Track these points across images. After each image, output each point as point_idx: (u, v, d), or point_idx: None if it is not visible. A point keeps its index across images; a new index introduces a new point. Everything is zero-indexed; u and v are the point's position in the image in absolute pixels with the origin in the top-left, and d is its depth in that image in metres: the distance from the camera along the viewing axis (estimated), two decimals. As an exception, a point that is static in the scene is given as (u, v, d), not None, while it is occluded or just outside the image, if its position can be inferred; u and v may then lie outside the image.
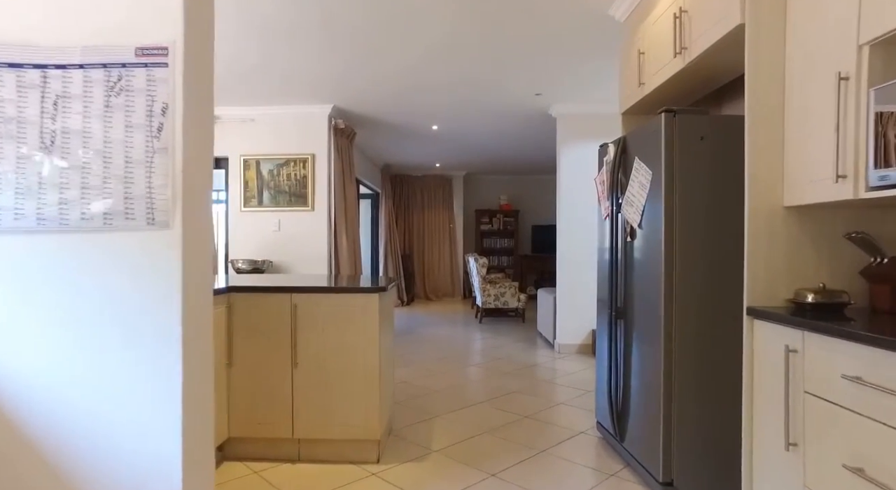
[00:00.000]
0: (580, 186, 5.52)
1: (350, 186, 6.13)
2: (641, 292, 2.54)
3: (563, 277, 5.55)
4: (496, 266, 10.61)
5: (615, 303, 2.82)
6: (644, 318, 2.50)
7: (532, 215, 10.88)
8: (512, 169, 10.03)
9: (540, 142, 7.33)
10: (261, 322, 2.79)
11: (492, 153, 8.28)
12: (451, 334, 6.66)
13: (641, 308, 2.54)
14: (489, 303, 7.48)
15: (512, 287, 7.51)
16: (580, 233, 5.52)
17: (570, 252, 5.54)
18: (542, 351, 5.66)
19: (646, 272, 2.49)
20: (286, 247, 5.58)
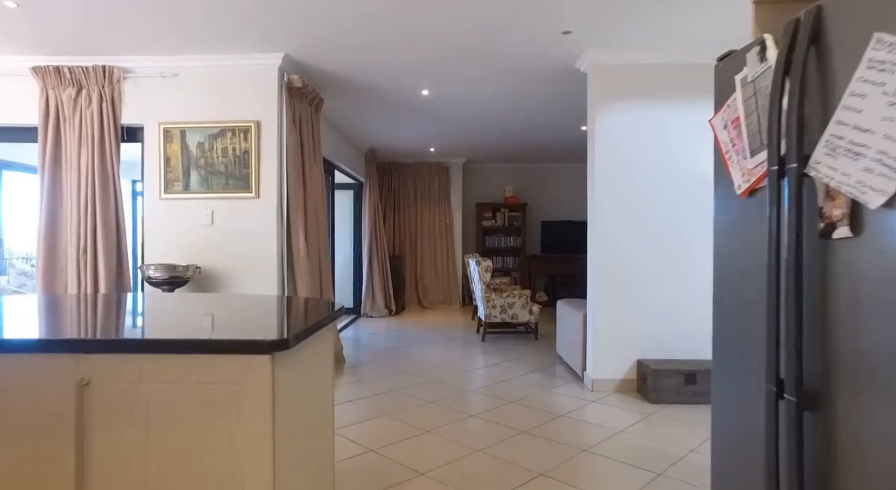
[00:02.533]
0: (625, 163, 4.03)
1: (314, 169, 4.63)
2: (883, 352, 1.05)
3: (600, 290, 4.06)
4: (500, 268, 9.13)
5: (790, 372, 1.32)
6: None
7: (541, 210, 9.39)
8: (519, 155, 8.53)
9: (559, 112, 5.83)
10: (14, 413, 1.31)
11: (496, 133, 6.78)
12: (446, 358, 5.17)
13: (885, 391, 1.05)
14: (494, 316, 5.99)
15: (522, 296, 6.02)
16: (626, 228, 4.04)
17: (608, 255, 4.05)
18: (569, 388, 4.17)
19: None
20: (222, 248, 4.09)
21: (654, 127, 4.03)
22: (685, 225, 4.04)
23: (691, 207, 4.03)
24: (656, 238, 4.05)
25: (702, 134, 4.00)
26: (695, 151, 4.01)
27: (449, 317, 7.88)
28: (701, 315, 4.04)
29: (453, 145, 7.71)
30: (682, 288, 4.05)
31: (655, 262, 4.05)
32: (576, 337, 4.43)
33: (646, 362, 3.93)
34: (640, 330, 4.05)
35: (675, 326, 4.05)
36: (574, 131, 6.58)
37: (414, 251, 8.93)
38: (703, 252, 4.04)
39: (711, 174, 4.01)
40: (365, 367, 4.81)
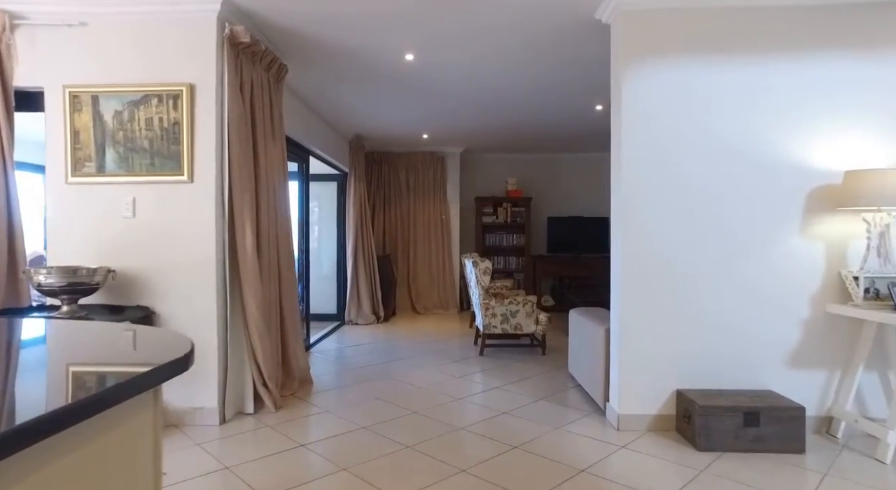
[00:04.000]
0: (661, 142, 3.12)
1: (272, 150, 3.75)
2: None
3: (628, 299, 3.15)
4: (502, 269, 8.22)
5: None
6: None
7: (548, 204, 8.47)
8: (523, 143, 7.62)
9: (571, 84, 4.91)
10: None
11: (496, 115, 5.87)
12: (436, 379, 4.27)
13: None
14: (494, 326, 5.09)
15: (527, 304, 5.11)
16: (662, 223, 3.13)
17: (640, 256, 3.14)
18: (588, 424, 3.26)
19: None
20: (147, 245, 3.20)
21: (700, 94, 3.12)
22: (741, 219, 3.13)
23: (750, 199, 3.12)
24: (702, 235, 3.14)
25: (771, 103, 3.09)
26: (758, 127, 3.10)
27: (444, 324, 6.97)
28: (759, 330, 3.13)
29: (449, 131, 6.80)
30: (734, 296, 3.14)
31: (701, 265, 3.14)
32: (595, 357, 3.52)
33: (688, 393, 3.02)
34: (680, 350, 3.14)
35: (725, 346, 3.14)
36: (587, 112, 5.67)
37: (406, 250, 8.02)
38: (763, 252, 3.12)
39: (781, 157, 3.11)
40: (335, 393, 3.91)
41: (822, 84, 3.09)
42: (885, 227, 2.94)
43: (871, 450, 2.88)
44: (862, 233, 3.10)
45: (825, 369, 3.14)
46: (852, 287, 3.05)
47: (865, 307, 2.89)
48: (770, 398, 2.96)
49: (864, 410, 3.12)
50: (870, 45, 3.07)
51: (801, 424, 2.84)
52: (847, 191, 2.94)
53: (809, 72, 3.09)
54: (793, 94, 3.10)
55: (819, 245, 3.12)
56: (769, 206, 3.12)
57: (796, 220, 3.12)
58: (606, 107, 5.43)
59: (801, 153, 3.11)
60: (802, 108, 3.10)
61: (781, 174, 3.11)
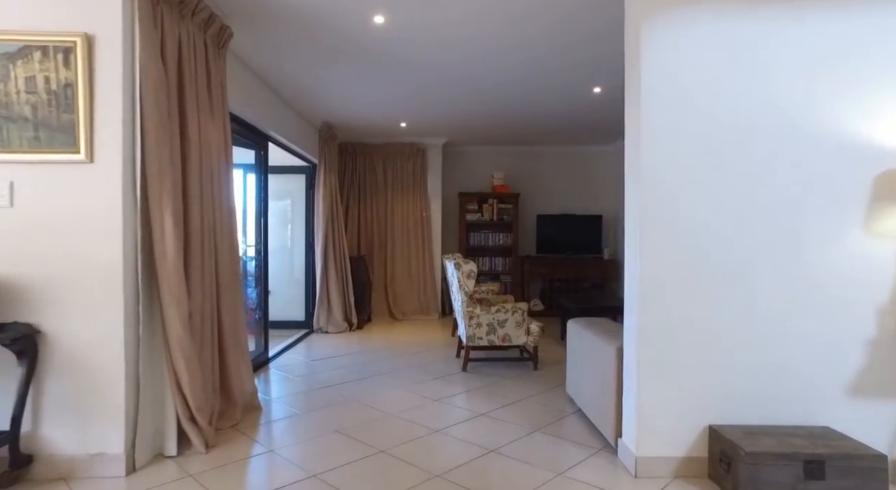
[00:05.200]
0: (693, 114, 2.46)
1: (212, 127, 3.03)
2: None
3: (652, 314, 2.48)
4: (487, 271, 7.54)
5: None
6: None
7: (537, 201, 7.81)
8: (510, 135, 6.95)
9: (565, 57, 4.24)
10: None
11: (481, 101, 5.18)
12: (410, 404, 3.56)
13: None
14: (479, 337, 4.39)
15: (517, 312, 4.43)
16: (690, 216, 2.47)
17: (661, 259, 2.47)
18: (597, 468, 2.58)
19: None
20: (29, 244, 2.45)
21: (747, 54, 2.46)
22: (795, 214, 2.48)
23: (808, 187, 2.47)
24: (744, 232, 2.48)
25: (839, 64, 2.44)
26: (821, 92, 2.45)
27: (424, 332, 6.26)
28: (813, 351, 2.48)
29: (429, 120, 6.10)
30: (783, 307, 2.48)
31: (742, 268, 2.48)
32: (603, 381, 2.84)
33: (725, 432, 2.36)
34: (713, 375, 2.48)
35: (769, 369, 2.49)
36: (584, 96, 5.01)
37: (383, 251, 7.30)
38: (820, 254, 2.47)
39: (848, 134, 2.46)
40: (287, 423, 3.19)
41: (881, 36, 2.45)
42: (975, 221, 2.31)
43: (960, 504, 2.25)
44: (937, 228, 2.47)
45: (895, 402, 2.50)
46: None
47: (952, 322, 2.25)
48: (832, 439, 2.31)
49: (938, 449, 2.49)
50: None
51: (882, 478, 2.19)
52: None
53: (877, 23, 2.44)
54: (856, 51, 2.45)
55: (888, 245, 2.48)
56: (830, 195, 2.47)
57: (860, 213, 2.47)
58: (607, 89, 4.77)
59: (871, 128, 2.46)
60: (868, 69, 2.45)
61: (846, 156, 2.46)
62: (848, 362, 2.49)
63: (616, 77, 4.40)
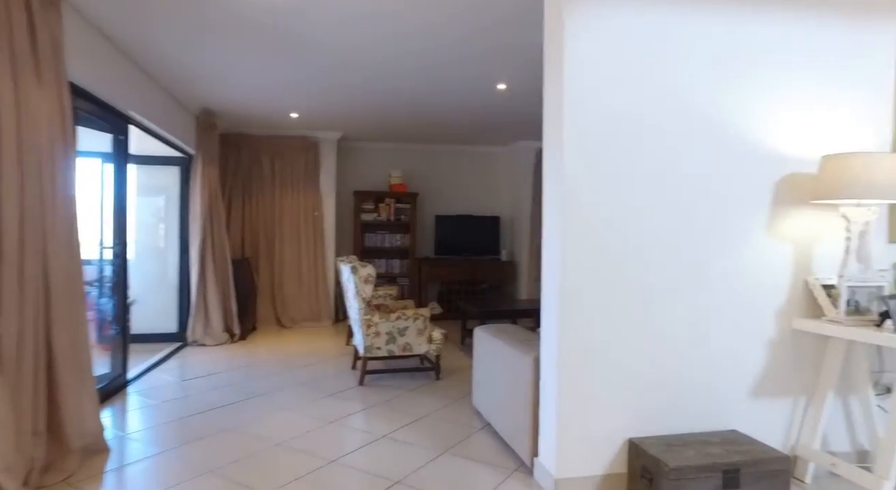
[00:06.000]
0: (615, 115, 2.29)
1: (38, 97, 2.40)
2: None
3: (572, 324, 2.26)
4: (384, 274, 7.15)
5: None
6: None
7: (436, 201, 7.58)
8: (409, 132, 6.63)
9: (471, 46, 4.00)
10: None
11: (379, 92, 4.80)
12: (302, 428, 3.10)
13: None
14: (378, 348, 4.01)
15: (419, 319, 4.11)
16: (612, 219, 2.30)
17: (585, 270, 2.28)
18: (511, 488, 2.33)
19: None
20: None
21: (670, 51, 2.33)
22: (709, 219, 2.40)
23: (722, 193, 2.40)
24: (660, 237, 2.36)
25: (744, 66, 2.39)
26: (733, 96, 2.39)
27: (316, 341, 5.73)
28: (723, 354, 2.43)
29: (323, 112, 5.59)
30: (696, 313, 2.40)
31: (656, 275, 2.36)
32: (517, 394, 2.61)
33: (645, 445, 2.22)
34: (631, 385, 2.33)
35: (683, 376, 2.39)
36: (487, 93, 4.82)
37: (270, 252, 6.63)
38: (732, 259, 2.42)
39: (756, 137, 2.41)
40: (143, 467, 2.58)
41: (799, 47, 2.46)
42: (866, 226, 2.37)
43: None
44: (828, 232, 2.54)
45: (790, 399, 2.53)
46: (822, 298, 2.46)
47: (849, 323, 2.29)
48: (742, 444, 2.25)
49: (824, 445, 2.55)
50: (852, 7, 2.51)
51: (785, 479, 2.15)
52: (825, 180, 2.32)
53: (776, 27, 2.45)
54: (763, 56, 2.43)
55: (786, 247, 2.49)
56: (742, 200, 2.43)
57: (763, 217, 2.46)
58: (511, 87, 4.62)
59: (775, 132, 2.46)
60: (774, 73, 2.45)
61: (752, 160, 2.44)
62: (751, 365, 2.47)
63: (522, 74, 4.25)
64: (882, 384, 2.64)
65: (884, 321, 2.24)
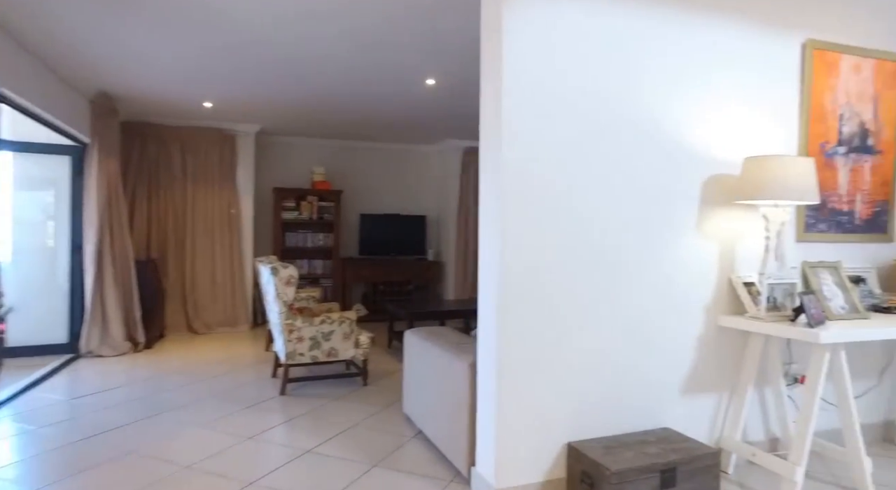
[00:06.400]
0: (556, 115, 2.21)
1: None
2: None
3: (512, 329, 2.16)
4: (306, 275, 6.80)
5: None
6: None
7: (361, 200, 7.32)
8: (334, 127, 6.34)
9: (405, 32, 3.85)
10: None
11: (301, 81, 4.52)
12: (215, 447, 2.79)
13: None
14: (301, 354, 3.74)
15: (345, 322, 3.88)
16: (554, 222, 2.22)
17: (522, 265, 2.18)
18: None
19: None
20: None
21: (613, 47, 2.29)
22: (641, 220, 2.39)
23: (652, 193, 2.40)
24: (592, 241, 2.31)
25: (672, 69, 2.39)
26: (673, 97, 2.39)
27: (232, 347, 5.31)
28: (656, 353, 2.43)
29: (240, 101, 5.19)
30: (630, 313, 2.38)
31: (590, 277, 2.31)
32: (453, 402, 2.47)
33: (585, 449, 2.16)
34: (570, 390, 2.27)
35: (621, 378, 2.37)
36: (415, 88, 4.66)
37: (181, 253, 6.08)
38: (662, 258, 2.43)
39: (683, 139, 2.44)
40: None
41: (716, 53, 2.52)
42: (782, 226, 2.47)
43: (774, 488, 2.38)
44: (749, 232, 2.62)
45: (715, 394, 2.59)
46: (744, 295, 2.53)
47: (769, 319, 2.36)
48: (676, 442, 2.26)
49: (744, 436, 2.64)
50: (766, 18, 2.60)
51: (715, 473, 2.18)
52: (748, 181, 2.38)
53: (704, 36, 2.49)
54: (690, 61, 2.47)
55: (712, 246, 2.55)
56: (674, 200, 2.44)
57: (693, 216, 2.50)
58: (441, 82, 4.49)
59: (703, 133, 2.50)
60: (698, 78, 2.49)
61: (687, 160, 2.46)
62: (682, 362, 2.50)
63: (453, 69, 4.14)
64: (791, 375, 2.77)
65: (798, 316, 2.34)
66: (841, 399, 2.39)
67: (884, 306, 2.71)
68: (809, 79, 2.75)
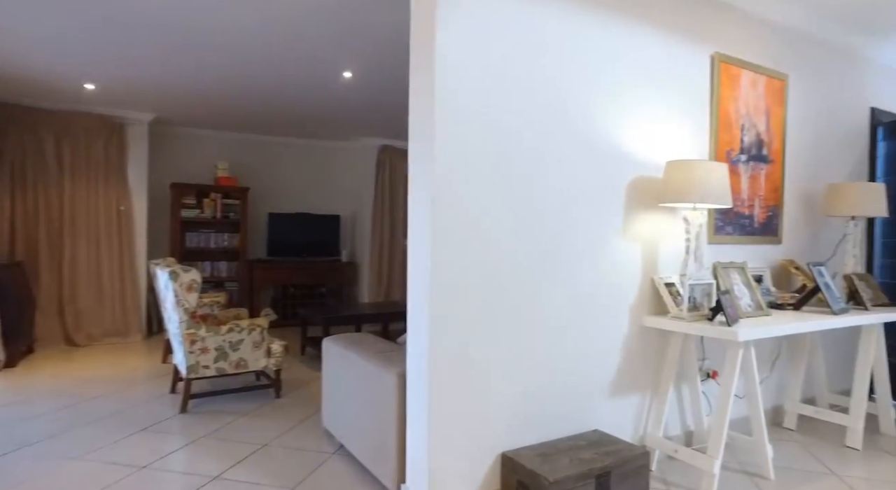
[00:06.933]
0: (483, 110, 2.09)
1: None
2: None
3: (444, 336, 2.01)
4: (210, 278, 6.24)
5: None
6: None
7: (270, 198, 6.85)
8: (239, 117, 5.85)
9: (322, 22, 3.58)
10: None
11: (203, 56, 4.08)
12: (102, 483, 2.38)
13: None
14: (205, 367, 3.35)
15: (255, 330, 3.54)
16: (487, 220, 2.10)
17: (457, 276, 2.05)
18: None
19: None
20: None
21: (546, 51, 2.20)
22: (575, 221, 2.34)
23: (589, 194, 2.36)
24: (527, 240, 2.23)
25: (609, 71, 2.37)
26: (600, 98, 2.36)
27: (123, 361, 4.70)
28: (586, 356, 2.40)
29: (129, 83, 4.60)
30: (560, 317, 2.33)
31: (524, 279, 2.23)
32: (382, 416, 2.28)
33: (521, 458, 2.07)
34: (504, 399, 2.17)
35: (552, 383, 2.31)
36: (331, 81, 4.39)
37: (57, 256, 5.30)
38: (596, 261, 2.40)
39: (615, 142, 2.43)
40: None
41: (639, 58, 2.54)
42: (700, 228, 2.54)
43: (694, 482, 2.43)
44: (670, 233, 2.68)
45: (639, 393, 2.62)
46: (666, 295, 2.58)
47: (690, 319, 2.42)
48: (608, 445, 2.24)
49: (665, 432, 2.70)
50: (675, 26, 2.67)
51: (645, 473, 2.18)
52: (671, 184, 2.43)
53: (627, 40, 2.51)
54: (612, 64, 2.47)
55: (636, 248, 2.57)
56: (603, 202, 2.42)
57: (620, 218, 2.50)
58: (358, 76, 4.26)
59: (627, 136, 2.51)
60: (621, 80, 2.50)
61: (615, 162, 2.45)
62: (610, 364, 2.49)
63: (372, 62, 3.92)
64: (703, 371, 2.89)
65: (715, 315, 2.42)
66: (750, 391, 2.51)
67: (778, 303, 2.91)
68: (718, 89, 2.88)
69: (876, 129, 3.81)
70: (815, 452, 2.80)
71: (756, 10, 2.99)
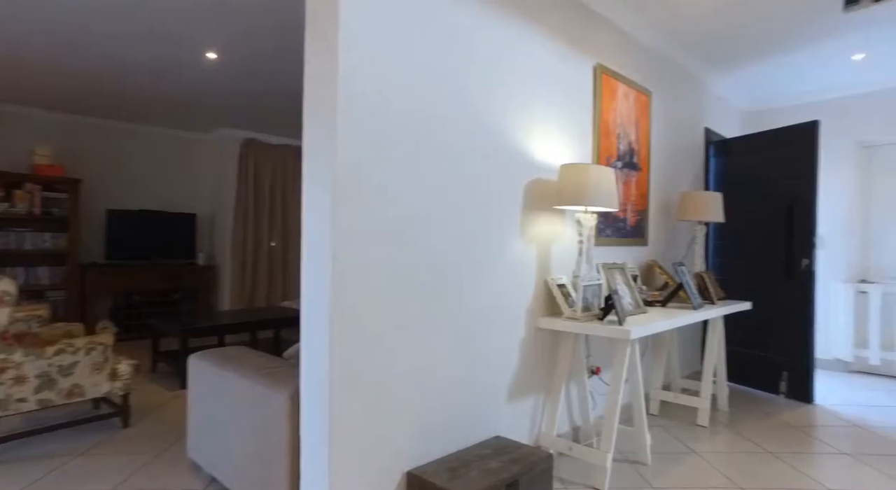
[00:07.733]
0: (390, 109, 1.88)
1: None
2: None
3: (345, 348, 1.76)
4: (27, 288, 5.10)
5: None
6: None
7: (109, 192, 5.81)
8: (70, 95, 4.86)
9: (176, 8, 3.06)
10: None
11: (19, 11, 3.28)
12: None
13: None
14: (24, 400, 2.65)
15: (95, 349, 2.90)
16: (397, 222, 1.89)
17: (358, 281, 1.81)
18: None
19: None
20: None
21: (448, 47, 2.04)
22: (477, 224, 2.23)
23: (494, 189, 2.26)
24: (439, 242, 2.07)
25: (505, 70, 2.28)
26: (501, 98, 2.26)
27: None
28: (487, 361, 2.31)
29: None
30: (468, 322, 2.21)
31: (433, 283, 2.07)
32: (268, 443, 1.95)
33: (427, 475, 1.90)
34: (407, 413, 1.98)
35: (455, 392, 2.17)
36: (190, 61, 3.81)
37: None
38: (500, 261, 2.31)
39: (517, 144, 2.36)
40: None
41: (534, 64, 2.53)
42: (591, 230, 2.60)
43: (587, 477, 2.48)
44: (560, 235, 2.72)
45: (534, 395, 2.60)
46: (559, 296, 2.60)
47: (584, 319, 2.45)
48: (511, 451, 2.16)
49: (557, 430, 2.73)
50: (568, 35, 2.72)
51: (549, 476, 2.14)
52: (566, 187, 2.44)
53: (523, 46, 2.48)
54: (506, 62, 2.42)
55: (533, 250, 2.55)
56: (506, 203, 2.35)
57: (517, 221, 2.45)
58: (224, 57, 3.74)
59: (525, 138, 2.47)
60: (513, 81, 2.46)
61: (516, 164, 2.39)
62: (508, 368, 2.44)
63: (241, 44, 3.46)
64: (589, 368, 2.99)
65: (606, 314, 2.49)
66: (633, 385, 2.63)
67: (648, 301, 3.12)
68: (599, 98, 3.00)
69: (709, 146, 4.33)
70: (677, 434, 3.04)
71: (628, 30, 3.18)
